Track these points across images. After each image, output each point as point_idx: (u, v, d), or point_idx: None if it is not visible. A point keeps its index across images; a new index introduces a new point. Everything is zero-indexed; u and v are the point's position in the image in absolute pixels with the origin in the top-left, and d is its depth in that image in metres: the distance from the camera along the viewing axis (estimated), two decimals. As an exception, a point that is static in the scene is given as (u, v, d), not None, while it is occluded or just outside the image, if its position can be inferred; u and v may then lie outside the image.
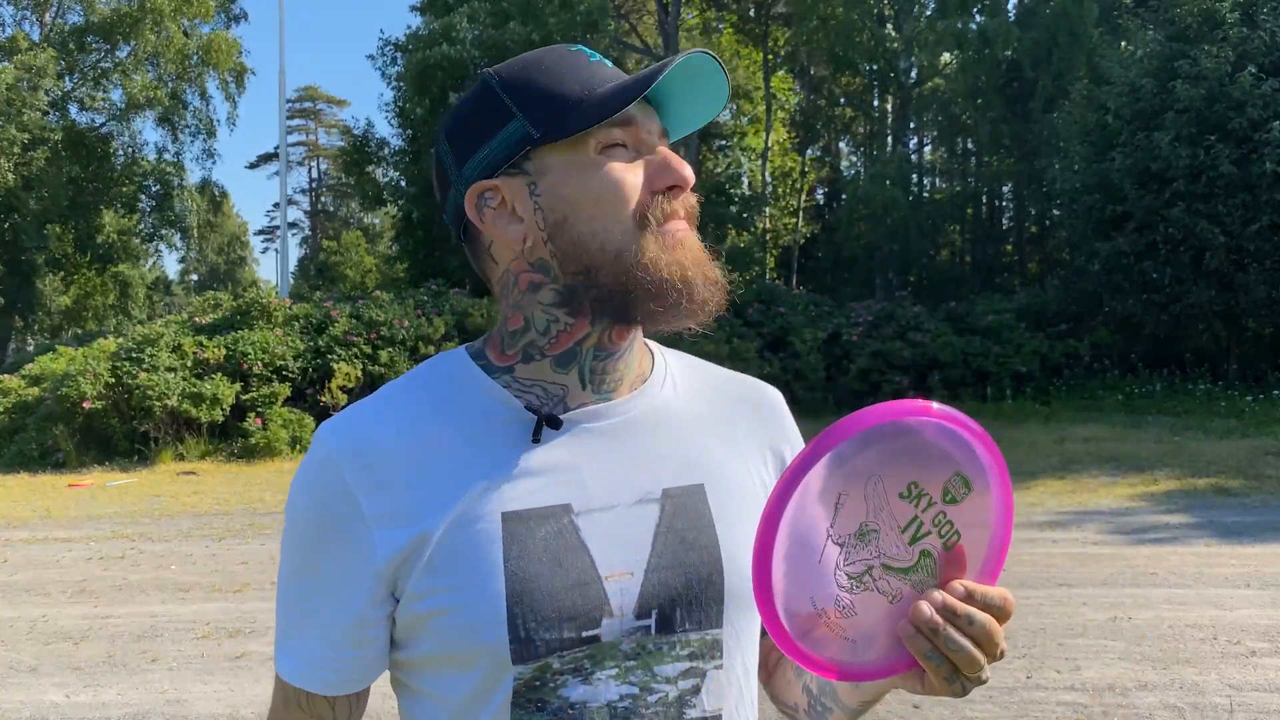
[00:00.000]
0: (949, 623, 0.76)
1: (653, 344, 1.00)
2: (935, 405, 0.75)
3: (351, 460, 0.85)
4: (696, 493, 0.90)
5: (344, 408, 0.96)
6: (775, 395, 1.04)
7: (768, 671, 1.04)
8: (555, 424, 0.88)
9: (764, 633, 0.98)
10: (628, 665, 0.85)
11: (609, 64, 0.89)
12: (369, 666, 0.91)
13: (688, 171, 0.86)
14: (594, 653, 0.84)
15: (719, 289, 0.88)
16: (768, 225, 27.43)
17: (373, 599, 0.87)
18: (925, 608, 0.75)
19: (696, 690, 0.87)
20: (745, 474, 0.95)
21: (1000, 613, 0.80)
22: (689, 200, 0.89)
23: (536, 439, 0.87)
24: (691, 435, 0.94)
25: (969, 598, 0.78)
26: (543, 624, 0.83)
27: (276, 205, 52.29)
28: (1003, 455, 0.80)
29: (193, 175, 29.13)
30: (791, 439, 1.01)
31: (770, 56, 28.16)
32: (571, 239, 0.85)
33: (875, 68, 25.05)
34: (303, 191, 53.64)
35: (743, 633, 0.91)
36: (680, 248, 0.86)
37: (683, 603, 0.87)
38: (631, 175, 0.85)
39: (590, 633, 0.84)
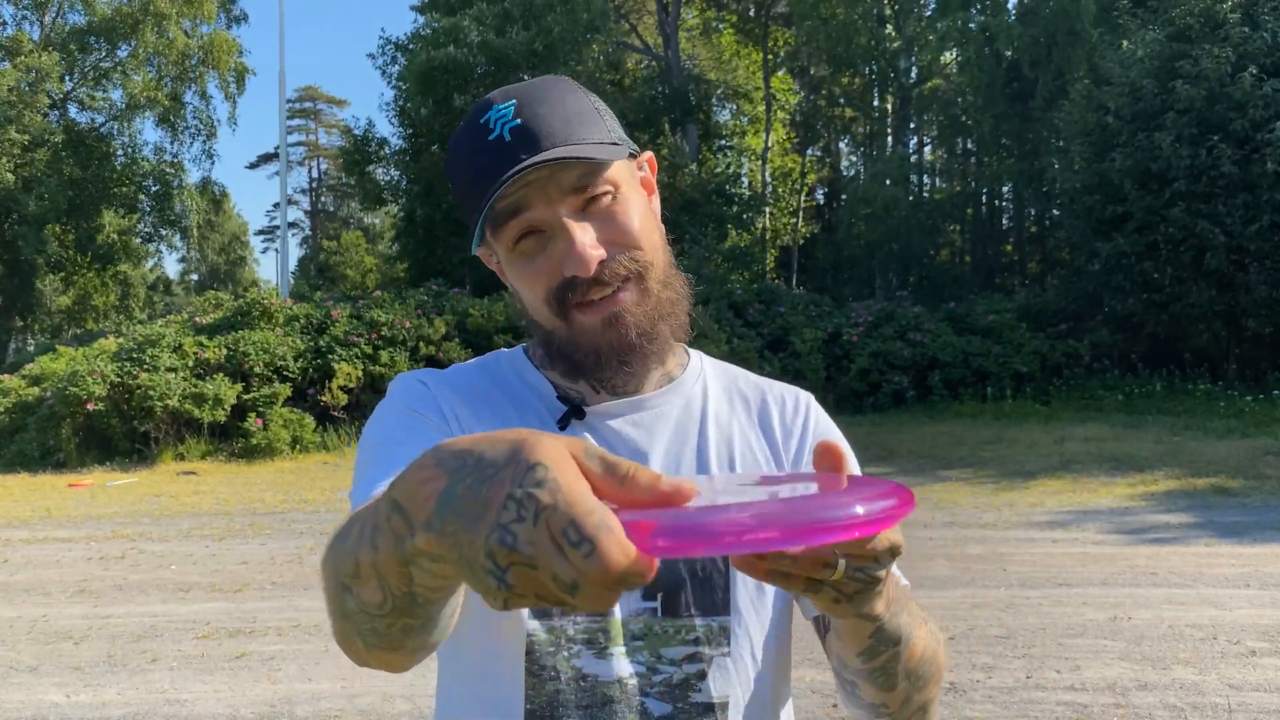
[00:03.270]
0: None
1: (691, 350, 1.07)
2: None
3: (431, 382, 0.99)
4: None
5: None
6: (804, 397, 1.07)
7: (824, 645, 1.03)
8: (580, 415, 0.96)
9: (826, 632, 1.00)
10: (635, 644, 0.89)
11: (509, 127, 0.88)
12: None
13: (581, 264, 0.88)
14: (606, 627, 0.89)
15: (647, 339, 0.93)
16: (768, 225, 27.44)
17: None
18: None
19: (702, 675, 0.90)
20: (764, 470, 0.99)
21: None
22: (614, 268, 0.90)
23: (563, 426, 0.96)
24: (715, 431, 1.00)
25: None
26: None
27: (276, 205, 52.30)
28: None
29: (192, 175, 29.14)
30: (815, 434, 1.03)
31: (770, 56, 28.17)
32: (528, 310, 0.97)
33: (875, 68, 25.06)
34: (303, 191, 53.67)
35: (752, 622, 0.93)
36: (595, 330, 0.92)
37: (688, 588, 0.90)
38: (536, 270, 0.92)
39: None
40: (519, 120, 0.89)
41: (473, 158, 0.90)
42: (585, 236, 0.88)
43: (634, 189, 0.94)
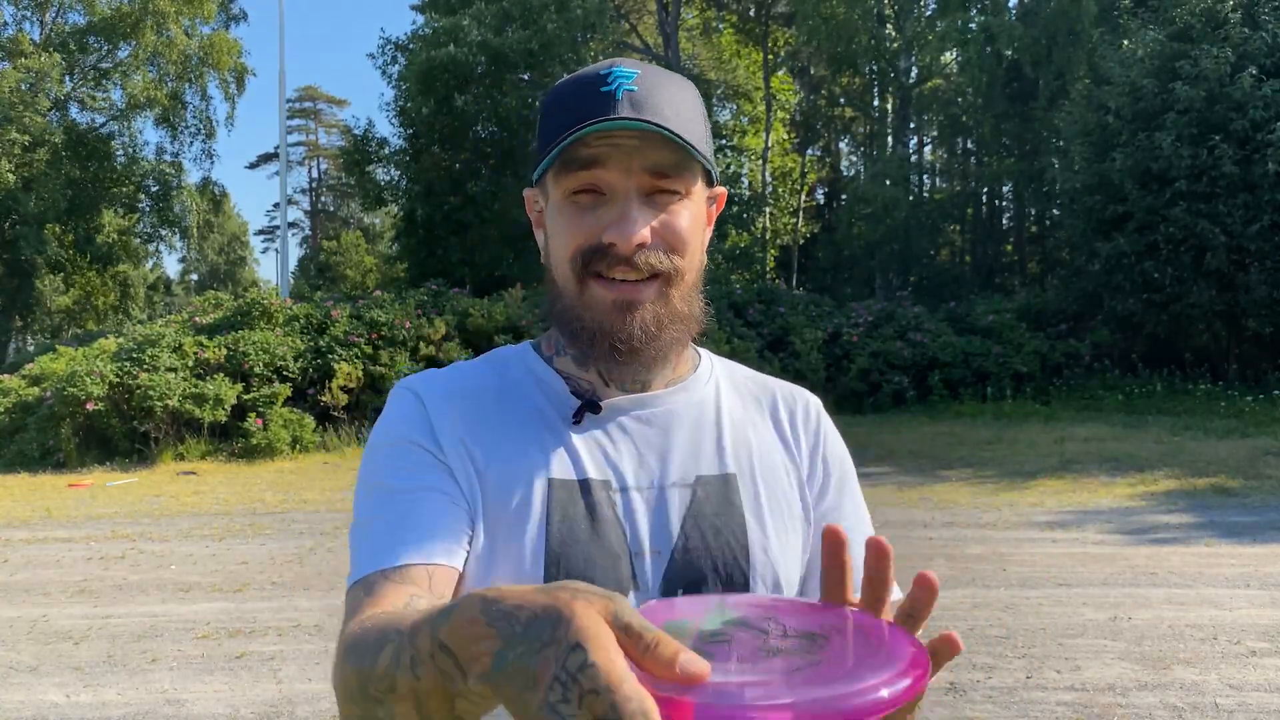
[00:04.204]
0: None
1: (701, 350, 1.07)
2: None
3: (427, 395, 0.96)
4: (730, 482, 0.95)
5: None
6: (814, 403, 1.07)
7: None
8: (595, 409, 0.95)
9: None
10: None
11: (623, 88, 0.89)
12: (457, 539, 0.88)
13: (625, 234, 0.88)
14: None
15: (652, 343, 0.92)
16: (768, 225, 27.44)
17: (453, 485, 0.91)
18: None
19: None
20: (780, 471, 0.99)
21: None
22: (649, 258, 0.90)
23: (577, 420, 0.94)
24: (731, 428, 0.99)
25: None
26: None
27: (276, 205, 52.30)
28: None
29: (192, 175, 29.17)
30: (826, 447, 1.04)
31: (770, 56, 28.15)
32: (549, 263, 0.96)
33: (875, 68, 25.06)
34: (303, 191, 53.68)
35: None
36: (603, 307, 0.91)
37: (708, 585, 0.91)
38: (581, 223, 0.90)
39: None
40: (636, 88, 0.89)
41: (576, 99, 0.90)
42: (640, 214, 0.89)
43: (699, 206, 0.95)
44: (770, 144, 28.11)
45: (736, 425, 1.00)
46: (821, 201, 32.97)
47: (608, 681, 0.49)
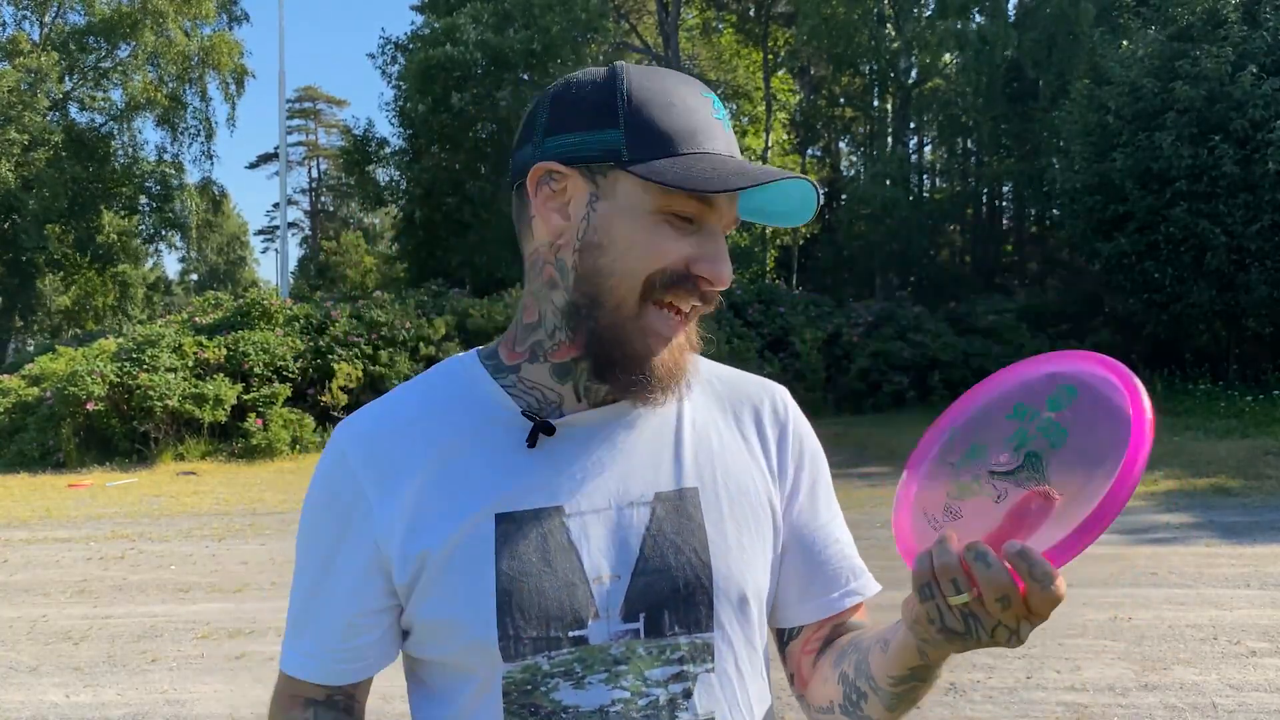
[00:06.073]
0: (969, 561, 0.77)
1: None
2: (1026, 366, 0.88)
3: (362, 456, 0.90)
4: (690, 496, 0.91)
5: (347, 407, 0.97)
6: (781, 394, 1.03)
7: (802, 679, 1.00)
8: (549, 430, 0.90)
9: (790, 641, 1.00)
10: (618, 670, 0.86)
11: (726, 124, 0.90)
12: (368, 658, 0.93)
13: (724, 275, 0.88)
14: (583, 656, 0.86)
15: (675, 380, 0.89)
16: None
17: (377, 589, 0.90)
18: (945, 541, 0.77)
19: (688, 694, 0.87)
20: (746, 476, 0.95)
21: (1041, 583, 0.79)
22: (714, 298, 0.91)
23: (531, 444, 0.89)
24: (693, 438, 0.95)
25: (1018, 555, 0.78)
26: (530, 622, 0.85)
27: (276, 205, 52.29)
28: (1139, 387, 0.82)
29: (192, 176, 29.16)
30: (795, 438, 1.00)
31: (770, 56, 28.14)
32: (594, 265, 0.87)
33: (875, 68, 25.06)
34: (303, 191, 53.63)
35: (735, 636, 0.90)
36: (659, 338, 0.88)
37: (671, 606, 0.88)
38: (675, 246, 0.87)
39: (577, 633, 0.86)
40: (726, 119, 0.91)
41: (691, 111, 0.87)
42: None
43: None
44: (770, 144, 28.10)
45: (700, 434, 0.95)
46: (822, 201, 32.96)
47: None
